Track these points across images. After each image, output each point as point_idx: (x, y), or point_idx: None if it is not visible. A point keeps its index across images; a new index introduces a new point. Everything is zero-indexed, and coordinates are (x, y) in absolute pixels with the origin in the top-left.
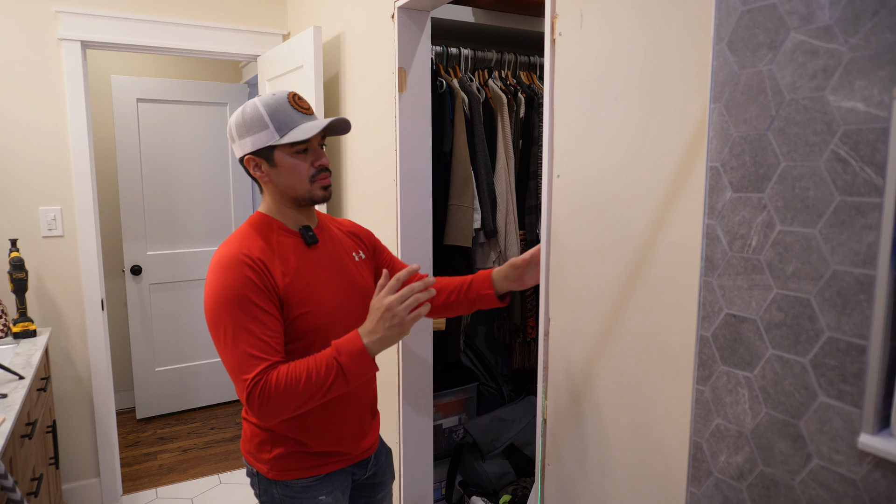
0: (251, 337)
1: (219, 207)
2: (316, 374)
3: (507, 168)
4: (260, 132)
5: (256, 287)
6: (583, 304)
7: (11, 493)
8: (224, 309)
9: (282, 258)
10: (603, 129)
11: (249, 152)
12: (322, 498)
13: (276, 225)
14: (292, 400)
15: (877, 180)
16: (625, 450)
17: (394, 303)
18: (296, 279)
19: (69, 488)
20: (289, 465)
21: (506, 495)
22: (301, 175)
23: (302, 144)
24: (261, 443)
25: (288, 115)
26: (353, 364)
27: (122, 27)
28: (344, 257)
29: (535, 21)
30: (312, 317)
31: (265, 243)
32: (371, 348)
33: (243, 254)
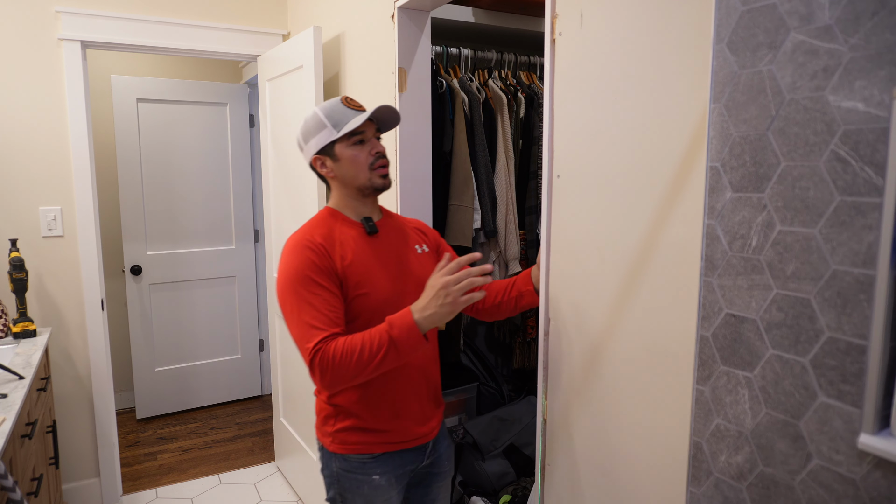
0: (312, 310)
1: (219, 207)
2: (369, 346)
3: (507, 168)
4: (320, 132)
5: (317, 267)
6: (583, 304)
7: (11, 493)
8: (290, 287)
9: (342, 244)
10: (603, 129)
11: (315, 153)
12: (376, 477)
13: (340, 217)
14: (347, 369)
15: (877, 180)
16: (625, 450)
17: (450, 282)
18: (354, 263)
19: (69, 488)
20: (347, 440)
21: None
22: (360, 164)
23: (357, 136)
24: (326, 417)
25: (342, 112)
26: (403, 337)
27: (122, 27)
28: (404, 248)
29: (535, 21)
30: (369, 298)
31: (328, 231)
32: (421, 324)
33: (306, 239)
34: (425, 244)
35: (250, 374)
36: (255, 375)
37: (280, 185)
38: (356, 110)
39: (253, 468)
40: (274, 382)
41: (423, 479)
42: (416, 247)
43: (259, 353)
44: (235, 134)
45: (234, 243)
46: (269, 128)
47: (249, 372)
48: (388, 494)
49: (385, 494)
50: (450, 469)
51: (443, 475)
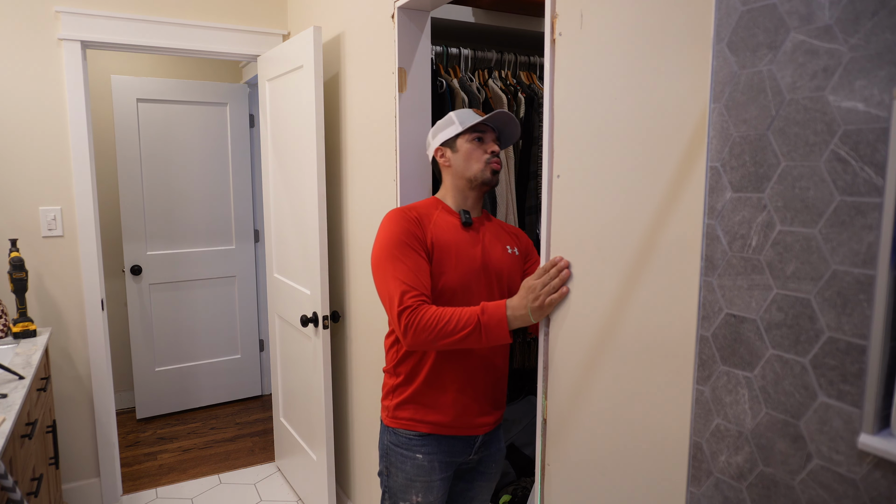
0: (406, 270)
1: (219, 207)
2: (457, 320)
3: (507, 168)
4: (448, 128)
5: (413, 235)
6: (583, 304)
7: (11, 493)
8: (385, 251)
9: (436, 226)
10: (603, 129)
11: (440, 144)
12: (419, 457)
13: (442, 205)
14: (431, 333)
15: (877, 180)
16: (625, 449)
17: (537, 286)
18: (442, 245)
19: (69, 488)
20: (399, 415)
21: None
22: (475, 157)
23: (478, 133)
24: (388, 391)
25: (469, 115)
26: (491, 325)
27: (122, 27)
28: (495, 245)
29: (535, 21)
30: (446, 280)
31: (427, 212)
32: (511, 320)
33: (405, 210)
34: (517, 248)
35: (250, 374)
36: (255, 375)
37: (280, 185)
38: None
39: (253, 468)
40: (274, 382)
41: (466, 474)
42: (507, 247)
43: (259, 353)
44: (235, 134)
45: (234, 243)
46: (269, 128)
47: (249, 372)
48: (430, 477)
49: (427, 476)
50: (496, 473)
51: (488, 476)
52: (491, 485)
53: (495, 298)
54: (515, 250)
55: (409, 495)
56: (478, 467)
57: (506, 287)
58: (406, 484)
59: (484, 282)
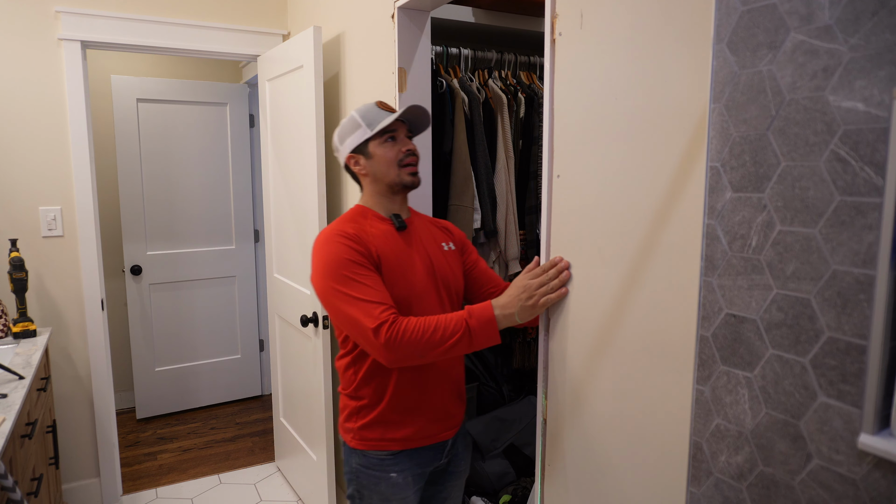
0: (367, 289)
1: (219, 207)
2: (444, 327)
3: (507, 168)
4: (356, 132)
5: (356, 251)
6: (583, 304)
7: (11, 493)
8: (333, 274)
9: (373, 237)
10: (603, 128)
11: (350, 151)
12: (393, 475)
13: (371, 213)
14: (418, 345)
15: (877, 180)
16: (625, 449)
17: (533, 286)
18: (388, 256)
19: (69, 488)
20: (367, 436)
21: (506, 495)
22: (390, 160)
23: (388, 133)
24: (349, 414)
25: (376, 114)
26: (480, 329)
27: (122, 27)
28: (431, 244)
29: (535, 21)
30: (400, 290)
31: (359, 226)
32: (500, 320)
33: (338, 230)
34: (451, 242)
35: (250, 374)
36: (255, 375)
37: (280, 185)
38: (389, 112)
39: (253, 468)
40: (274, 382)
41: (438, 478)
42: (442, 244)
43: (259, 353)
44: (235, 134)
45: (234, 243)
46: (269, 128)
47: (249, 372)
48: (405, 493)
49: (402, 493)
50: (465, 468)
51: (458, 474)
52: (462, 482)
53: (445, 302)
54: (451, 245)
55: None
56: (448, 468)
57: (453, 288)
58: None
59: (433, 286)
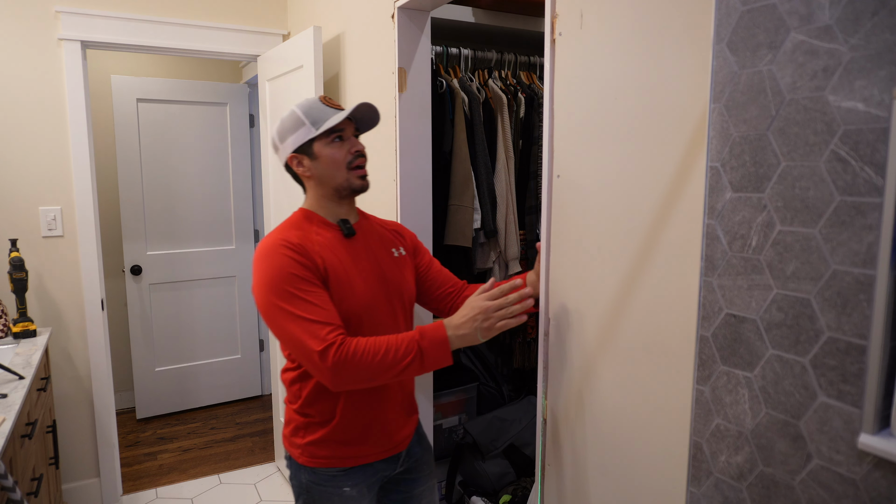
0: (312, 307)
1: (219, 207)
2: (395, 350)
3: (507, 168)
4: (298, 130)
5: (301, 265)
6: (583, 305)
7: (11, 493)
8: (276, 290)
9: (320, 246)
10: (603, 129)
11: (292, 151)
12: (346, 489)
13: (317, 218)
14: (368, 369)
15: (877, 180)
16: (625, 450)
17: (491, 308)
18: (335, 267)
19: (69, 488)
20: (317, 453)
21: (506, 495)
22: (338, 162)
23: (335, 133)
24: (295, 428)
25: (321, 111)
26: (432, 350)
27: (122, 27)
28: (381, 251)
29: (535, 21)
30: (347, 305)
31: (304, 233)
32: (453, 341)
33: (281, 239)
34: (402, 247)
35: (250, 374)
36: (255, 375)
37: (280, 185)
38: (335, 109)
39: (253, 468)
40: (274, 382)
41: (399, 485)
42: (392, 250)
43: (259, 353)
44: (235, 134)
45: (234, 243)
46: (269, 128)
47: (249, 372)
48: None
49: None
50: (429, 474)
51: (421, 480)
52: (430, 485)
53: (398, 312)
54: (402, 250)
55: None
56: (406, 476)
57: (405, 296)
58: None
59: (384, 297)
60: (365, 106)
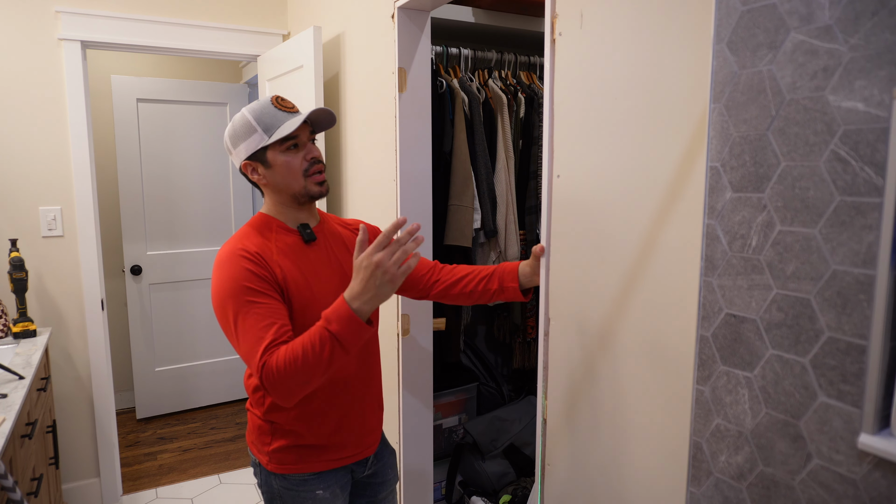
0: (256, 322)
1: (219, 207)
2: (311, 347)
3: (507, 168)
4: (250, 137)
5: (255, 276)
6: (583, 305)
7: (11, 493)
8: (228, 300)
9: (280, 254)
10: (603, 129)
11: (245, 158)
12: (319, 492)
13: (276, 224)
14: (296, 377)
15: (877, 180)
16: (625, 449)
17: (384, 258)
18: (294, 274)
19: (69, 488)
20: (286, 459)
21: (506, 495)
22: (294, 170)
23: (290, 140)
24: (261, 434)
25: (273, 115)
26: (344, 330)
27: (122, 27)
28: (344, 253)
29: (535, 21)
30: (312, 310)
31: (263, 240)
32: (361, 310)
33: (240, 248)
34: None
35: None
36: None
37: None
38: (288, 112)
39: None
40: None
41: (366, 489)
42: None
43: None
44: None
45: None
46: None
47: None
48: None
49: None
50: (394, 477)
51: (387, 484)
52: (393, 488)
53: None
54: None
55: None
56: (373, 480)
57: None
58: None
59: None
60: (319, 111)
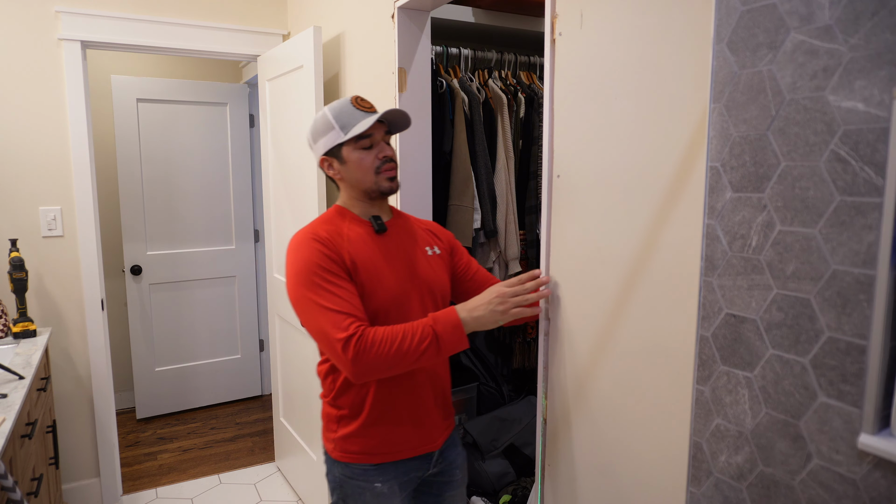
0: (336, 298)
1: (219, 207)
2: (411, 337)
3: (507, 168)
4: (328, 134)
5: (329, 258)
6: (583, 304)
7: (11, 493)
8: (305, 280)
9: (350, 241)
10: (603, 129)
11: (322, 154)
12: (378, 485)
13: (349, 215)
14: (386, 358)
15: (877, 180)
16: (625, 450)
17: (508, 293)
18: (363, 261)
19: (69, 488)
20: (349, 448)
21: (506, 495)
22: (366, 168)
23: (365, 140)
24: (329, 421)
25: (350, 114)
26: (447, 334)
27: (122, 27)
28: (414, 248)
29: (535, 21)
30: (376, 298)
31: (335, 228)
32: (467, 322)
33: (312, 233)
34: (437, 246)
35: (250, 374)
36: (255, 375)
37: (280, 185)
38: (365, 111)
39: (253, 468)
40: (274, 382)
41: (431, 487)
42: (426, 248)
43: (259, 353)
44: (235, 134)
45: (234, 243)
46: (269, 128)
47: (249, 372)
48: (391, 501)
49: (387, 501)
50: (463, 478)
51: (454, 484)
52: (461, 491)
53: (429, 307)
54: (436, 249)
55: None
56: (441, 478)
57: (437, 293)
58: None
59: (415, 293)
60: (394, 111)
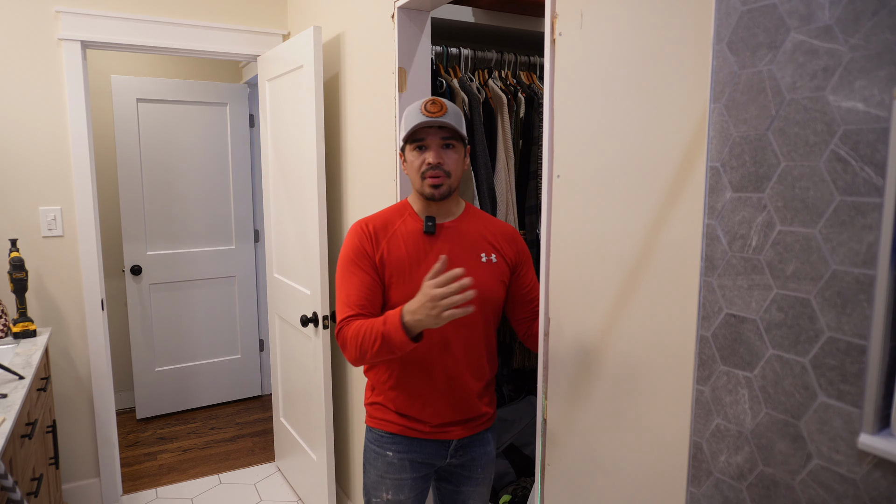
0: (350, 287)
1: (219, 207)
2: (368, 334)
3: (507, 168)
4: (401, 133)
5: (359, 249)
6: (583, 305)
7: (11, 493)
8: (340, 262)
9: (392, 237)
10: (603, 129)
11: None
12: (389, 454)
13: (409, 210)
14: (354, 350)
15: (877, 180)
16: (625, 450)
17: (437, 296)
18: (392, 259)
19: (69, 488)
20: (373, 414)
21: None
22: (415, 170)
23: (419, 142)
24: (366, 389)
25: (415, 117)
26: (392, 334)
27: (122, 27)
28: (464, 254)
29: (535, 21)
30: (399, 291)
31: (388, 221)
32: (409, 325)
33: (362, 223)
34: (496, 255)
35: (250, 374)
36: (255, 375)
37: (280, 185)
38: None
39: (253, 468)
40: (274, 382)
41: (451, 477)
42: (481, 254)
43: (259, 353)
44: (235, 134)
45: (233, 243)
46: (269, 128)
47: (249, 372)
48: (401, 475)
49: (397, 474)
50: (485, 477)
51: (474, 481)
52: (481, 489)
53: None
54: (493, 257)
55: (380, 492)
56: (460, 471)
57: (484, 299)
58: (377, 480)
59: None
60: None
